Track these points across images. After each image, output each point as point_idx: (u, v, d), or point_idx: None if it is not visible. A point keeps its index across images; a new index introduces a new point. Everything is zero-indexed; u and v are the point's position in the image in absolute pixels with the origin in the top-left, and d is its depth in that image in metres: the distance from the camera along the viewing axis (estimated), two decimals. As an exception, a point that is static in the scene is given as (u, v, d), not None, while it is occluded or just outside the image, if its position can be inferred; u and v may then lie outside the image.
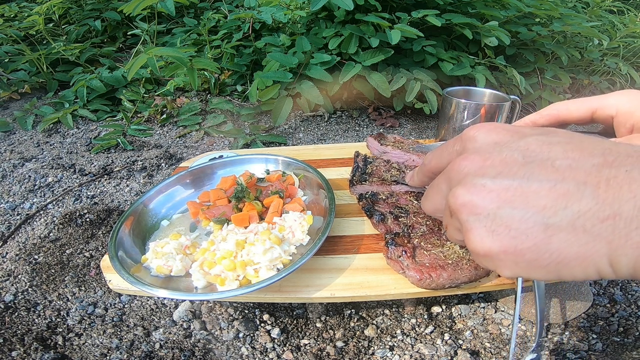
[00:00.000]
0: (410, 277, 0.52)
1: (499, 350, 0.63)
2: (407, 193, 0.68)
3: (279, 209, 0.64)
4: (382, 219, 0.62)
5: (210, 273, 0.54)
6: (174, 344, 0.63)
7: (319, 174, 0.71)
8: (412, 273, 0.52)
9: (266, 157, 0.79)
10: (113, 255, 0.54)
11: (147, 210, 0.67)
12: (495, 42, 1.23)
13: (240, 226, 0.61)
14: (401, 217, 0.61)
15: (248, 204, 0.66)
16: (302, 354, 0.62)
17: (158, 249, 0.57)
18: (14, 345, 0.62)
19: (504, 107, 0.81)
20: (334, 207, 0.62)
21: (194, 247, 0.59)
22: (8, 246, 0.84)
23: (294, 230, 0.60)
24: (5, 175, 1.09)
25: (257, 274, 0.53)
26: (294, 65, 1.22)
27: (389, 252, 0.55)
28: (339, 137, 1.28)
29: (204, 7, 1.84)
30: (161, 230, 0.65)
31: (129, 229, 0.61)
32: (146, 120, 1.34)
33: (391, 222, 0.61)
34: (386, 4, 1.34)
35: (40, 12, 1.50)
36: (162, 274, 0.55)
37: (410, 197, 0.66)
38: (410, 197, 0.66)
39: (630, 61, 1.73)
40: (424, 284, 0.51)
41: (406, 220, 0.61)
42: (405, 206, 0.64)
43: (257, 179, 0.73)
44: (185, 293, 0.51)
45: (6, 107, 1.49)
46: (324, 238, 0.55)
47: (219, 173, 0.77)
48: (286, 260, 0.55)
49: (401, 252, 0.54)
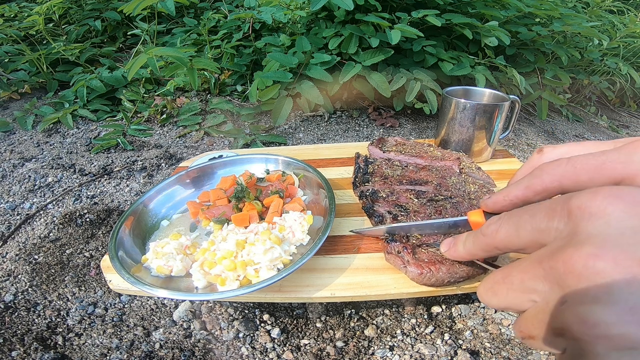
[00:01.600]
0: (410, 273, 0.52)
1: (499, 350, 0.63)
2: (408, 191, 0.68)
3: (279, 209, 0.64)
4: (380, 221, 0.62)
5: (210, 273, 0.54)
6: (174, 344, 0.63)
7: (319, 174, 0.71)
8: (413, 268, 0.52)
9: (266, 157, 0.79)
10: (113, 256, 0.54)
11: (147, 210, 0.67)
12: (495, 42, 1.23)
13: (240, 226, 0.61)
14: (400, 216, 0.62)
15: (248, 203, 0.66)
16: (302, 354, 0.62)
17: (158, 249, 0.57)
18: (14, 345, 0.62)
19: (503, 106, 0.81)
20: (334, 206, 0.62)
21: (194, 247, 0.59)
22: (8, 246, 0.84)
23: (294, 230, 0.60)
24: (5, 175, 1.09)
25: (257, 274, 0.53)
26: (294, 65, 1.22)
27: (388, 247, 0.55)
28: (339, 137, 1.28)
29: (204, 7, 1.84)
30: (161, 230, 0.65)
31: (129, 229, 0.61)
32: (146, 120, 1.34)
33: (390, 224, 0.61)
34: (386, 4, 1.34)
35: (40, 12, 1.50)
36: (162, 274, 0.55)
37: (410, 195, 0.66)
38: (410, 195, 0.66)
39: (630, 61, 1.74)
40: (424, 278, 0.51)
41: (406, 219, 0.61)
42: (405, 204, 0.64)
43: (257, 179, 0.73)
44: (186, 293, 0.51)
45: (6, 107, 1.49)
46: (324, 238, 0.55)
47: (218, 173, 0.77)
48: (286, 260, 0.55)
49: (402, 247, 0.55)
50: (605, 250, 0.18)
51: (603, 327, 0.18)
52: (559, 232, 0.21)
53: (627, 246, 0.18)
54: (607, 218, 0.19)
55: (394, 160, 0.80)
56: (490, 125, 0.83)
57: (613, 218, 0.19)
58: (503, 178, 0.81)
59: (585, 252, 0.19)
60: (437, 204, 0.64)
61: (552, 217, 0.22)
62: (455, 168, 0.76)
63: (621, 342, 0.17)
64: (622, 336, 0.17)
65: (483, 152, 0.87)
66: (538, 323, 0.21)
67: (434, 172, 0.74)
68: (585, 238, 0.19)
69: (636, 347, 0.17)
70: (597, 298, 0.18)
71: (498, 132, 0.85)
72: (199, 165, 0.77)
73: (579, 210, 0.20)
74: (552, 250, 0.21)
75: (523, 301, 0.22)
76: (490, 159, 0.89)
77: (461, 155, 0.82)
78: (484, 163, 0.87)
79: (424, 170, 0.75)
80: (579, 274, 0.19)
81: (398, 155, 0.82)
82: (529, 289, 0.22)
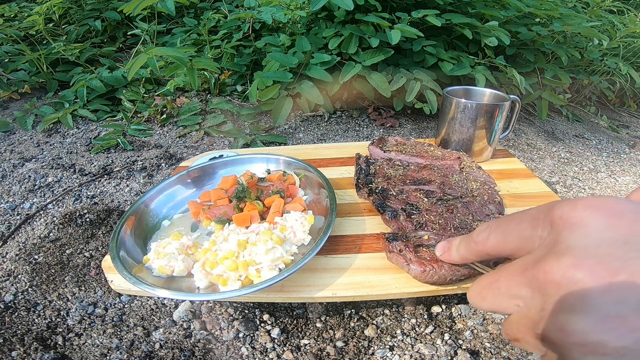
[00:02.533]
0: (413, 271, 0.52)
1: (498, 350, 0.63)
2: (417, 190, 0.68)
3: (280, 209, 0.64)
4: (394, 216, 0.62)
5: (212, 273, 0.54)
6: (174, 344, 0.63)
7: (320, 174, 0.71)
8: (415, 266, 0.52)
9: (267, 157, 0.79)
10: (115, 256, 0.54)
11: (148, 210, 0.67)
12: (495, 42, 1.23)
13: (241, 226, 0.61)
14: (413, 214, 0.61)
15: (249, 203, 0.65)
16: (302, 354, 0.62)
17: (160, 249, 0.57)
18: (14, 345, 0.62)
19: (504, 106, 0.81)
20: (335, 206, 0.62)
21: (196, 247, 0.59)
22: (8, 246, 0.84)
23: (296, 230, 0.60)
24: (5, 175, 1.09)
25: (259, 274, 0.53)
26: (294, 65, 1.22)
27: (390, 246, 0.55)
28: (339, 137, 1.28)
29: (204, 7, 1.84)
30: (162, 231, 0.65)
31: (130, 229, 0.61)
32: (146, 120, 1.34)
33: (403, 219, 0.61)
34: (386, 4, 1.34)
35: (40, 12, 1.50)
36: (164, 274, 0.55)
37: (420, 195, 0.67)
38: (420, 195, 0.67)
39: (630, 61, 1.74)
40: (427, 276, 0.51)
41: (418, 217, 0.61)
42: (416, 203, 0.64)
43: (258, 179, 0.73)
44: (188, 293, 0.51)
45: (6, 107, 1.49)
46: (325, 238, 0.55)
47: (219, 173, 0.77)
48: (288, 260, 0.55)
49: (403, 246, 0.55)
50: (583, 260, 0.19)
51: (578, 335, 0.19)
52: (543, 240, 0.23)
53: (604, 257, 0.19)
54: (587, 229, 0.20)
55: (395, 160, 0.80)
56: (490, 125, 0.83)
57: (592, 229, 0.20)
58: (504, 177, 0.81)
59: (565, 263, 0.20)
60: (447, 203, 0.64)
61: (535, 226, 0.23)
62: (456, 167, 0.76)
63: (595, 349, 0.18)
64: (596, 344, 0.18)
65: (483, 152, 0.87)
66: (522, 327, 0.22)
67: (435, 171, 0.74)
68: (565, 248, 0.20)
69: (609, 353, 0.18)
70: (573, 307, 0.19)
71: (498, 131, 0.85)
72: (199, 165, 0.77)
73: (560, 220, 0.21)
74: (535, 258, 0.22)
75: (509, 306, 0.23)
76: (490, 158, 0.89)
77: (461, 154, 0.82)
78: (484, 162, 0.87)
79: (425, 169, 0.75)
80: (558, 284, 0.19)
81: (399, 155, 0.82)
82: (513, 295, 0.23)
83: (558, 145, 1.39)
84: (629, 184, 1.18)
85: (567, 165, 1.27)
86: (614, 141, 1.50)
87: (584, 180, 1.19)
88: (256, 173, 0.75)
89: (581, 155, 1.34)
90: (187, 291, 0.51)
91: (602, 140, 1.49)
